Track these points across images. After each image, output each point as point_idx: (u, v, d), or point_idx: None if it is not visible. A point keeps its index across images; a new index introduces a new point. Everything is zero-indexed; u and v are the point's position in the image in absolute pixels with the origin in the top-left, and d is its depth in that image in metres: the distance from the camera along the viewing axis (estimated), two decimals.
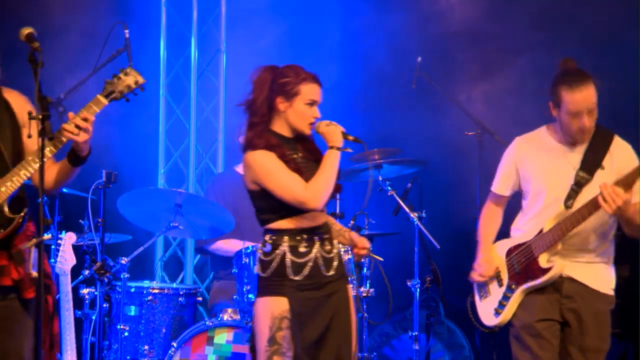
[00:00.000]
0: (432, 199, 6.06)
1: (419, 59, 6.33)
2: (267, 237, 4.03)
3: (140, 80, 3.62)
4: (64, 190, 5.55)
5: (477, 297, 4.61)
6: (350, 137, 4.06)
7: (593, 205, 4.20)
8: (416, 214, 5.75)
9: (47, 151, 3.44)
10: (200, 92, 7.73)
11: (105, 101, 3.57)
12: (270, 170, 3.96)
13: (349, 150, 4.05)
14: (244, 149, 4.06)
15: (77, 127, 3.49)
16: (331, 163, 3.97)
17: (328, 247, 4.03)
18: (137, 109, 7.04)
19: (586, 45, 6.24)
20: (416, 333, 5.79)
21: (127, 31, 5.60)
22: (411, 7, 7.12)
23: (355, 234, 4.28)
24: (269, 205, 4.00)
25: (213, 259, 6.19)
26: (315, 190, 3.92)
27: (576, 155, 4.37)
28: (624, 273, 5.57)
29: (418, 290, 5.75)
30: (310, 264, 3.96)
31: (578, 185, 4.31)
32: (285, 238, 3.97)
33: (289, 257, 3.95)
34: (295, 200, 3.93)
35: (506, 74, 6.69)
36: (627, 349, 6.39)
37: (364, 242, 4.22)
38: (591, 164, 4.32)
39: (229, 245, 5.79)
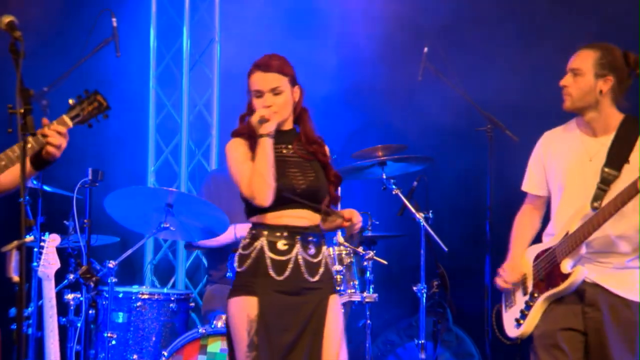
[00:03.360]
0: (439, 198, 6.06)
1: (426, 49, 6.33)
2: (248, 231, 4.06)
3: (104, 107, 3.65)
4: (47, 188, 5.56)
5: (503, 306, 4.52)
6: (265, 116, 3.96)
7: (627, 195, 4.02)
8: (422, 215, 5.75)
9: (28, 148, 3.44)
10: (193, 85, 7.74)
11: (70, 124, 3.58)
12: (230, 157, 4.04)
13: (271, 131, 3.93)
14: None
15: (58, 133, 3.51)
16: (260, 153, 3.92)
17: (312, 251, 4.03)
18: (126, 102, 7.05)
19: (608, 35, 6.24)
20: (423, 341, 5.79)
21: (114, 19, 5.61)
22: None
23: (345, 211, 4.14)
24: None
25: (208, 260, 6.19)
26: (252, 187, 3.91)
27: (596, 145, 4.27)
28: None
29: (424, 295, 5.75)
30: (291, 265, 3.96)
31: (605, 183, 4.18)
32: (265, 232, 3.98)
33: (268, 253, 3.95)
34: (243, 194, 3.98)
35: (521, 66, 6.69)
36: None
37: (350, 213, 4.08)
38: (618, 158, 4.18)
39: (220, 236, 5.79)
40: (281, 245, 3.97)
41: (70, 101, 3.60)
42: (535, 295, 4.32)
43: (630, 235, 4.20)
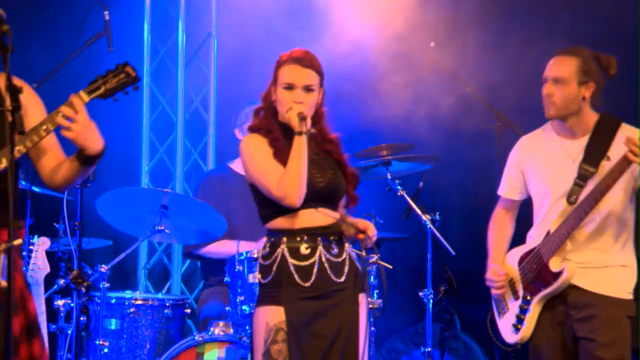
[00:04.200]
0: (446, 199, 6.07)
1: (432, 44, 6.32)
2: (266, 239, 4.06)
3: (132, 78, 3.63)
4: (36, 189, 5.54)
5: (496, 314, 4.64)
6: (304, 113, 3.96)
7: (618, 170, 4.19)
8: (429, 217, 5.74)
9: (16, 151, 3.42)
10: (189, 81, 7.72)
11: (86, 98, 3.57)
12: (252, 155, 4.02)
13: (313, 130, 3.99)
14: None
15: (65, 117, 3.50)
16: (296, 151, 3.92)
17: (336, 251, 4.02)
18: (119, 100, 7.01)
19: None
20: (429, 349, 5.77)
21: (106, 12, 5.60)
22: None
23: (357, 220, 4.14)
24: (265, 198, 4.03)
25: (203, 265, 6.19)
26: (284, 187, 3.91)
27: (576, 147, 4.42)
28: None
29: (431, 301, 5.73)
30: (316, 268, 3.95)
31: (582, 179, 4.34)
32: (284, 239, 3.98)
33: (290, 260, 3.95)
34: (270, 196, 3.96)
35: (530, 62, 6.67)
36: None
37: (365, 225, 4.08)
38: (595, 155, 4.34)
39: (221, 248, 5.78)
40: (303, 249, 3.97)
41: (98, 76, 3.61)
42: (528, 298, 4.44)
43: (613, 223, 4.35)
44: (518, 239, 4.73)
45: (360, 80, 7.10)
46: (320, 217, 4.00)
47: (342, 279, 4.01)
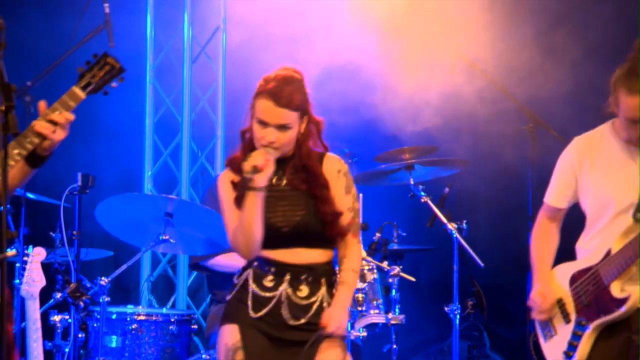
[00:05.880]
0: (474, 206, 6.05)
1: (459, 41, 6.31)
2: None
3: (117, 69, 3.62)
4: (31, 196, 5.57)
5: (540, 337, 4.50)
6: (259, 166, 3.89)
7: None
8: (455, 225, 5.73)
9: (16, 153, 3.44)
10: (195, 79, 7.74)
11: (82, 95, 3.57)
12: (220, 196, 4.07)
13: (254, 184, 3.88)
14: None
15: (53, 122, 3.50)
16: (247, 208, 3.91)
17: (302, 293, 4.02)
18: (119, 99, 7.06)
19: None
20: None
21: (107, 5, 5.61)
22: None
23: (331, 310, 4.01)
24: None
25: (210, 278, 6.20)
26: (235, 241, 3.98)
27: None
28: None
29: (458, 317, 5.73)
30: (273, 303, 3.98)
31: None
32: (255, 263, 4.03)
33: (252, 285, 4.00)
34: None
35: (566, 57, 6.66)
36: None
37: (326, 319, 3.97)
38: None
39: (231, 260, 5.79)
40: (268, 282, 4.00)
41: (79, 69, 3.60)
42: (583, 323, 4.32)
43: None
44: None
45: (378, 77, 7.08)
46: (295, 254, 4.00)
47: (299, 321, 3.98)
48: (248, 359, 3.93)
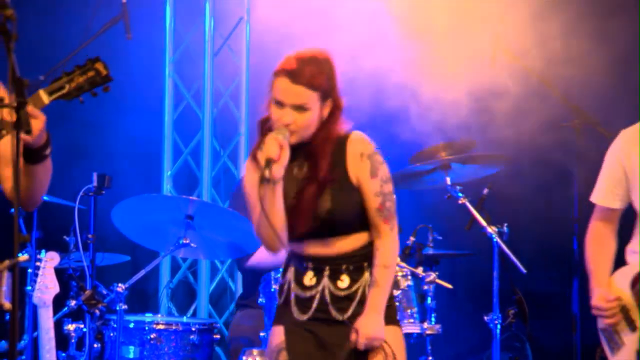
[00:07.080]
0: (516, 208, 6.02)
1: (493, 33, 6.29)
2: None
3: (103, 77, 3.57)
4: (45, 198, 5.57)
5: (607, 349, 4.45)
6: (274, 158, 3.85)
7: None
8: (495, 228, 5.71)
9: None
10: (217, 73, 7.75)
11: (46, 100, 3.51)
12: (246, 192, 4.06)
13: (272, 176, 3.85)
14: None
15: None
16: (264, 203, 3.88)
17: (343, 283, 3.99)
18: (137, 94, 7.08)
19: None
20: None
21: None
22: None
23: (363, 319, 3.97)
24: None
25: (244, 283, 6.16)
26: (260, 234, 3.97)
27: None
28: None
29: (498, 326, 5.70)
30: (317, 301, 3.97)
31: None
32: (292, 263, 4.04)
33: (293, 288, 4.01)
34: None
35: (614, 49, 6.62)
36: None
37: (359, 329, 3.94)
38: None
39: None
40: (308, 280, 4.00)
41: (63, 72, 3.56)
42: None
43: None
44: None
45: (409, 66, 7.03)
46: (331, 241, 3.97)
47: (345, 316, 3.96)
48: (292, 355, 3.95)
